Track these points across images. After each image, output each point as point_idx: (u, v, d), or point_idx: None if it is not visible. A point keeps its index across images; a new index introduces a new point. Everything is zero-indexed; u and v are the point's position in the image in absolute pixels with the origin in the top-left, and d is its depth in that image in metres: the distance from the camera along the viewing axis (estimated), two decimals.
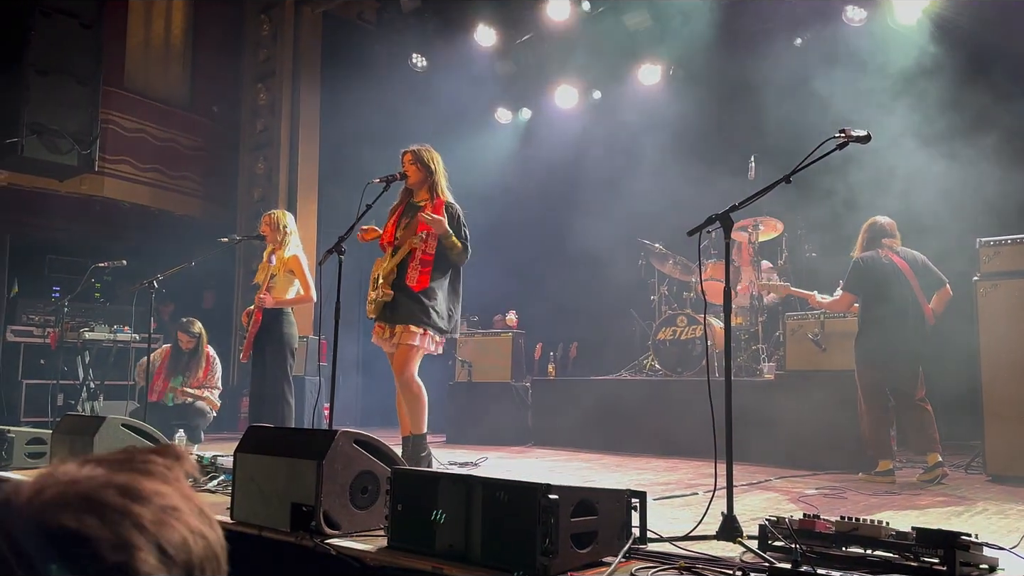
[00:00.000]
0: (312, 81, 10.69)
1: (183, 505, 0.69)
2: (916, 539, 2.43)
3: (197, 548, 0.68)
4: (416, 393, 4.77)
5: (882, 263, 5.21)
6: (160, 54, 10.63)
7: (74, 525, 0.63)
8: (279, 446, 3.35)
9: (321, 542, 2.94)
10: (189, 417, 7.14)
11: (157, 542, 0.65)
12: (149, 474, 0.70)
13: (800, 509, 3.84)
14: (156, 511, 0.67)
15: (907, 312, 5.12)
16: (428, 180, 4.92)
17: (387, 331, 4.77)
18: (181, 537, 0.67)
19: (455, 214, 4.87)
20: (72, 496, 0.65)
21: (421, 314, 4.65)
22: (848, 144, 3.08)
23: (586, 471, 5.59)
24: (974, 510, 3.97)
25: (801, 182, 3.26)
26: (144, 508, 0.66)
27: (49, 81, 7.62)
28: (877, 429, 5.17)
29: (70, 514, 0.63)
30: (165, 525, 0.66)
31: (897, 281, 5.17)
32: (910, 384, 5.13)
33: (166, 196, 10.30)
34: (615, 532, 2.68)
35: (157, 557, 0.64)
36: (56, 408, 7.87)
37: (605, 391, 7.51)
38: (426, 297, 4.68)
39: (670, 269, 8.05)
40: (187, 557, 0.67)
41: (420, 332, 4.66)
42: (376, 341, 4.90)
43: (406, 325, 4.66)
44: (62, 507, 0.64)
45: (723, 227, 3.05)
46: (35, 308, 8.52)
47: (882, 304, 5.15)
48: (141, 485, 0.68)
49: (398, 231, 4.87)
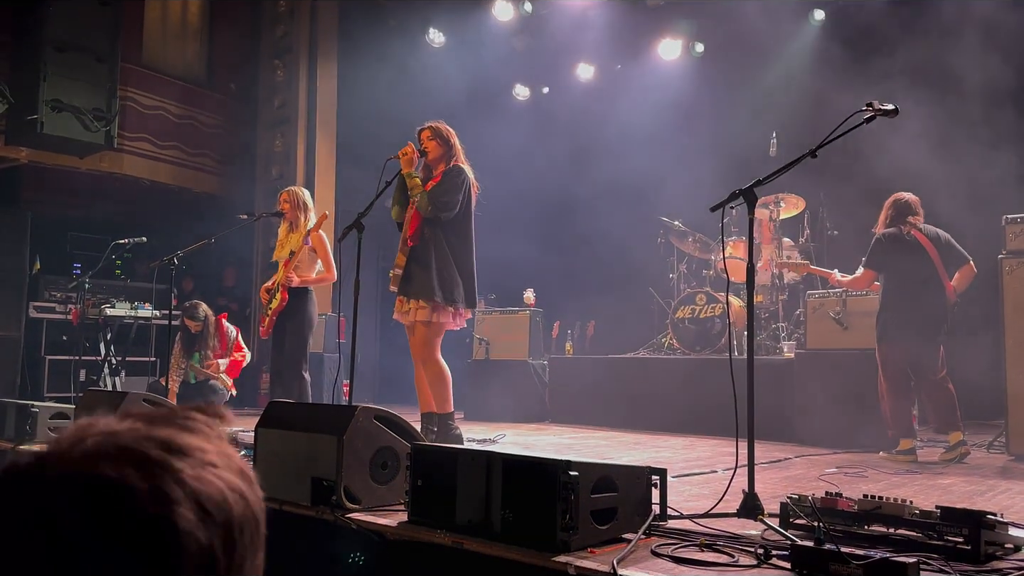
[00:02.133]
0: (329, 57, 10.64)
1: (223, 463, 0.68)
2: (940, 518, 2.41)
3: (237, 507, 0.67)
4: (437, 372, 4.76)
5: (904, 239, 5.13)
6: (177, 31, 10.62)
7: (113, 475, 0.62)
8: (300, 421, 3.37)
9: (342, 516, 2.96)
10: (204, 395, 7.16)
11: (196, 497, 0.64)
12: (190, 430, 0.69)
13: (821, 488, 3.82)
14: (196, 466, 0.65)
15: (929, 289, 5.04)
16: (447, 154, 4.89)
17: (405, 304, 4.76)
18: (220, 494, 0.66)
19: (457, 175, 4.77)
20: (112, 447, 0.64)
21: (429, 285, 4.62)
22: (875, 118, 3.02)
23: (604, 448, 5.59)
24: (997, 489, 3.93)
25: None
26: (183, 463, 0.65)
27: (67, 58, 7.64)
28: (898, 408, 5.12)
29: (109, 464, 0.62)
30: (204, 481, 0.65)
31: (919, 258, 5.08)
32: (931, 362, 5.07)
33: (185, 173, 10.33)
34: (635, 509, 2.67)
35: (196, 512, 0.63)
36: (79, 383, 7.96)
37: (623, 369, 7.50)
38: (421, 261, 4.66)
39: (689, 247, 7.99)
40: (226, 516, 0.66)
41: (430, 307, 4.64)
42: (396, 315, 4.90)
43: (418, 301, 4.66)
44: (101, 456, 0.63)
45: (747, 203, 3.00)
46: (57, 285, 8.60)
47: (904, 281, 5.09)
48: (182, 440, 0.67)
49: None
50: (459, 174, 4.80)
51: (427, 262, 4.68)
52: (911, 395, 5.22)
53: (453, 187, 4.74)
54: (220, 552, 0.64)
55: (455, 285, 4.71)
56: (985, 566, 2.29)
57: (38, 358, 8.24)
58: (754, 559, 2.37)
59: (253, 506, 0.69)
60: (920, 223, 5.21)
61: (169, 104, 10.13)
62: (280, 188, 10.92)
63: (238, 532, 0.66)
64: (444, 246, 4.73)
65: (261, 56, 11.03)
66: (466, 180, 4.82)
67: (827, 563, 2.12)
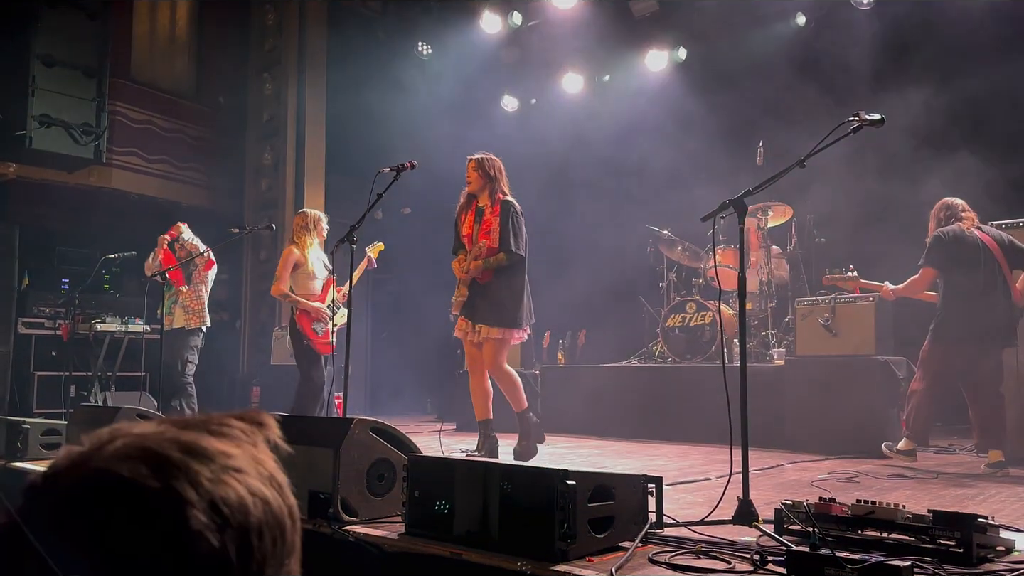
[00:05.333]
0: (318, 70, 10.66)
1: (250, 468, 0.70)
2: (933, 521, 2.44)
3: (256, 511, 0.68)
4: (510, 380, 5.17)
5: (966, 237, 4.78)
6: (166, 45, 10.62)
7: (129, 475, 0.64)
8: (295, 434, 3.36)
9: (339, 529, 2.97)
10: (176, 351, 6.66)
11: (211, 500, 0.65)
12: (220, 435, 0.71)
13: (813, 493, 3.85)
14: (217, 470, 0.67)
15: (996, 291, 4.71)
16: (488, 186, 5.13)
17: (469, 327, 5.08)
18: (239, 498, 0.67)
19: (511, 212, 5.04)
20: (135, 449, 0.66)
21: (494, 311, 4.97)
22: (862, 128, 3.06)
23: (597, 457, 5.61)
24: (988, 492, 3.98)
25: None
26: (204, 466, 0.67)
27: (56, 73, 7.63)
28: (923, 412, 4.87)
29: (128, 465, 0.65)
30: (223, 484, 0.67)
31: (984, 257, 4.73)
32: (995, 374, 4.78)
33: (174, 187, 10.31)
34: (632, 517, 2.69)
35: (209, 515, 0.65)
36: (68, 399, 7.91)
37: (614, 378, 7.52)
38: (492, 292, 4.98)
39: (679, 255, 8.04)
40: (243, 519, 0.67)
41: (498, 329, 5.00)
42: (458, 334, 5.23)
43: (486, 326, 5.00)
44: (124, 458, 0.65)
45: (737, 213, 3.04)
46: (45, 300, 8.55)
47: (968, 280, 4.71)
48: (207, 444, 0.69)
49: (474, 235, 5.10)
50: (508, 214, 5.02)
51: (496, 293, 4.99)
52: (943, 402, 4.97)
53: (514, 231, 5.01)
54: (234, 556, 0.65)
55: (519, 308, 5.06)
56: (978, 568, 2.33)
57: (27, 374, 8.18)
58: (750, 565, 2.40)
59: (278, 512, 0.70)
60: (978, 222, 4.93)
61: (158, 118, 10.12)
62: (269, 201, 10.93)
63: (256, 537, 0.67)
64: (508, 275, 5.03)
65: (250, 69, 11.05)
66: (516, 215, 5.06)
67: (822, 568, 2.14)
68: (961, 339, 4.76)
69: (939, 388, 4.90)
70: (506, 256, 4.97)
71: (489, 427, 5.25)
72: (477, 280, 5.01)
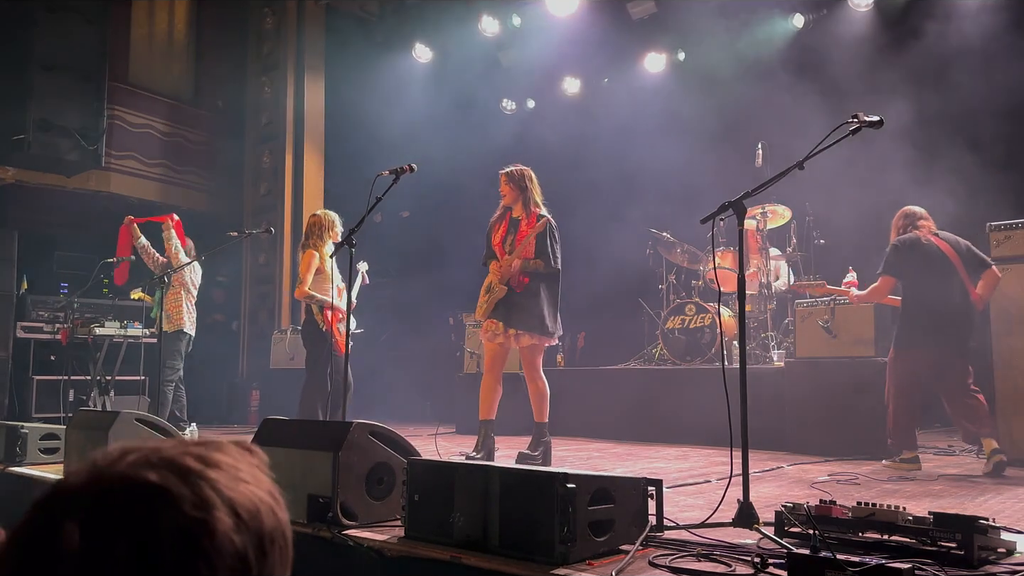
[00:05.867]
0: (316, 73, 10.67)
1: (254, 481, 0.74)
2: (934, 523, 2.43)
3: (268, 519, 0.72)
4: (544, 387, 5.26)
5: (923, 244, 4.92)
6: (164, 49, 10.62)
7: (158, 481, 0.68)
8: (294, 438, 3.36)
9: (338, 533, 2.96)
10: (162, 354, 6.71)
11: (231, 504, 0.70)
12: (223, 451, 0.75)
13: (814, 496, 3.84)
14: (229, 478, 0.72)
15: (954, 297, 4.81)
16: (521, 197, 5.23)
17: (500, 329, 5.09)
18: (253, 504, 0.72)
19: (548, 228, 5.14)
20: (155, 458, 0.70)
21: (531, 319, 5.04)
22: (861, 129, 3.06)
23: (597, 460, 5.60)
24: (988, 494, 3.97)
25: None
26: (219, 473, 0.71)
27: (55, 77, 7.62)
28: (904, 419, 4.94)
29: (154, 471, 0.69)
30: (237, 491, 0.71)
31: (942, 264, 4.86)
32: (960, 372, 4.84)
33: (173, 191, 10.31)
34: (632, 520, 2.69)
35: (232, 518, 0.69)
36: (67, 404, 7.90)
37: (614, 381, 7.51)
38: (530, 300, 5.04)
39: (678, 258, 8.04)
40: (258, 525, 0.71)
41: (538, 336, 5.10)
42: (483, 336, 5.28)
43: (520, 331, 5.04)
44: (147, 465, 0.69)
45: (736, 214, 3.04)
46: (44, 304, 8.54)
47: (927, 287, 4.84)
48: (217, 455, 0.74)
49: (505, 246, 5.18)
50: (547, 231, 5.12)
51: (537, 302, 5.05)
52: (920, 407, 5.03)
53: (545, 239, 5.09)
54: (253, 559, 0.70)
55: (556, 317, 5.17)
56: (979, 570, 2.32)
57: (26, 379, 8.17)
58: (751, 568, 2.39)
59: (283, 523, 0.75)
60: (935, 228, 5.05)
61: (156, 122, 10.12)
62: (268, 204, 10.93)
63: (269, 543, 0.72)
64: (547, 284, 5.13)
65: (248, 73, 11.06)
66: (553, 231, 5.17)
67: (823, 570, 2.13)
68: (921, 345, 4.86)
69: (910, 394, 4.95)
70: (544, 265, 5.08)
71: (490, 428, 5.31)
72: (514, 288, 5.06)
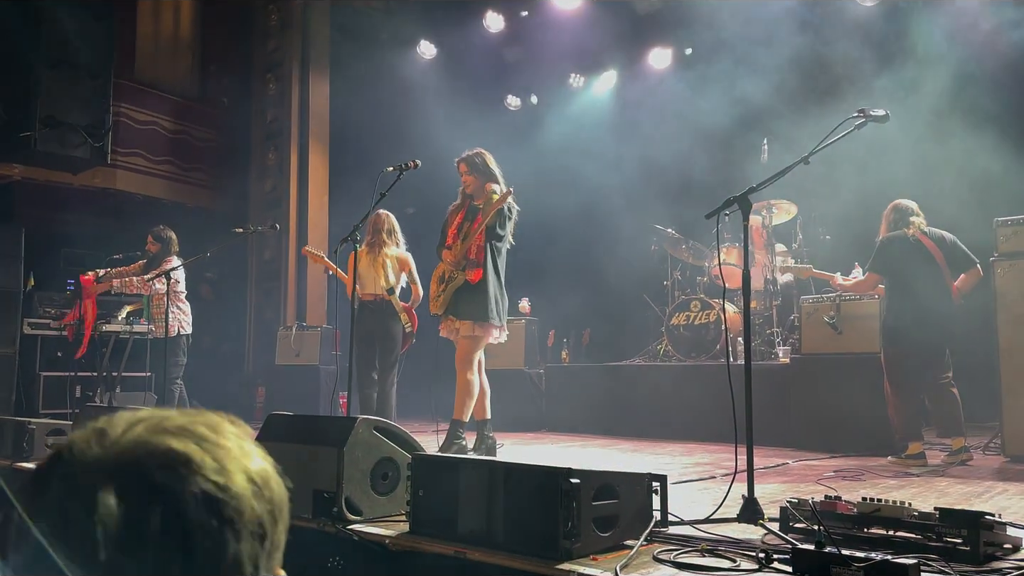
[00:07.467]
0: (321, 70, 10.67)
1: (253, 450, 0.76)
2: (939, 519, 2.43)
3: (277, 488, 0.75)
4: (464, 382, 5.05)
5: (908, 242, 5.06)
6: (169, 46, 10.63)
7: (180, 447, 0.69)
8: (299, 434, 3.37)
9: (343, 528, 2.97)
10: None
11: (244, 469, 0.72)
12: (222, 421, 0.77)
13: (819, 491, 3.83)
14: (237, 446, 0.74)
15: (934, 291, 4.94)
16: (481, 181, 5.15)
17: (455, 323, 5.02)
18: (264, 471, 0.74)
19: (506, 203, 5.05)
20: (170, 426, 0.72)
21: (480, 309, 4.93)
22: (867, 124, 3.05)
23: (602, 456, 5.60)
24: (994, 490, 3.96)
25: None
26: (229, 442, 0.73)
27: (60, 74, 7.62)
28: (906, 411, 4.99)
29: (174, 438, 0.70)
30: (249, 459, 0.73)
31: (923, 260, 5.00)
32: (937, 365, 4.99)
33: (179, 188, 10.33)
34: (636, 515, 2.68)
35: (251, 484, 0.71)
36: (74, 400, 7.92)
37: (619, 377, 7.51)
38: (482, 291, 4.93)
39: (683, 254, 8.02)
40: (271, 492, 0.74)
41: (476, 325, 4.96)
42: (444, 334, 5.18)
43: (464, 321, 4.96)
44: (165, 432, 0.71)
45: (741, 210, 3.03)
46: (51, 301, 8.57)
47: (908, 284, 4.99)
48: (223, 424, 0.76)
49: (459, 235, 5.07)
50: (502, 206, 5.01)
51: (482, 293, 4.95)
52: (919, 398, 5.13)
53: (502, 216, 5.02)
54: (268, 524, 0.72)
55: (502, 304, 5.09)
56: (985, 566, 2.31)
57: (33, 375, 8.20)
58: (756, 563, 2.39)
59: (285, 493, 0.77)
60: (923, 226, 5.14)
61: (162, 119, 10.14)
62: (274, 201, 10.94)
63: (279, 510, 0.74)
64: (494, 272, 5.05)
65: (253, 70, 11.06)
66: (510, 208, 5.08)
67: (828, 565, 2.13)
68: (908, 338, 4.98)
69: (905, 386, 5.04)
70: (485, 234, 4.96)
71: (487, 427, 5.22)
72: (469, 279, 4.95)
